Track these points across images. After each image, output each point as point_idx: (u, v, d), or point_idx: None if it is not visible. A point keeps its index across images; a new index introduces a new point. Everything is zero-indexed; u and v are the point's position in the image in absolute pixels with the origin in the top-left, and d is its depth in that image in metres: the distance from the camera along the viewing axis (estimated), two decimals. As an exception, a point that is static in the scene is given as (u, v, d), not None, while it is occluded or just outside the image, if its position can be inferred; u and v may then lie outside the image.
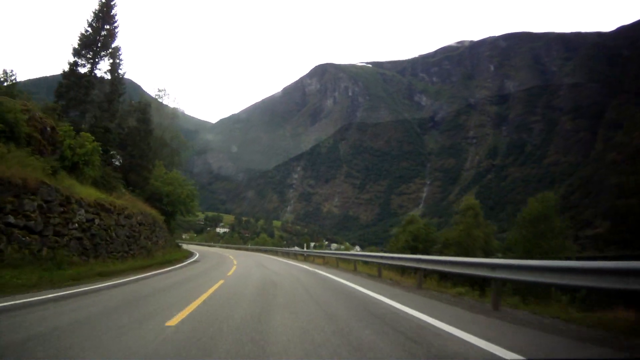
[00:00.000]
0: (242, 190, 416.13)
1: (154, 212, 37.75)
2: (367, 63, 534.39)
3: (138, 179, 44.13)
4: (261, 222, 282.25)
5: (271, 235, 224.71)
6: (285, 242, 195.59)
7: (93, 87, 40.23)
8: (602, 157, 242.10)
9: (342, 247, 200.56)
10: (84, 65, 39.86)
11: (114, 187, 32.66)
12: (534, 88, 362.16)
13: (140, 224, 30.24)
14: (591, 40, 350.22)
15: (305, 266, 29.21)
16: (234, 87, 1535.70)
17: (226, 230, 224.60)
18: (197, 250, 59.35)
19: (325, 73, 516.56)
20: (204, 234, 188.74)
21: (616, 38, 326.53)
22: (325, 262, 34.68)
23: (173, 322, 7.85)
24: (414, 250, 47.61)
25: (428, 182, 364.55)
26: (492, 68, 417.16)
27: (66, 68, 39.23)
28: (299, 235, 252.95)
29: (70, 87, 38.26)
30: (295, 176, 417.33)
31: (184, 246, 64.08)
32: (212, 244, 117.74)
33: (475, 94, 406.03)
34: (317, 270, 24.29)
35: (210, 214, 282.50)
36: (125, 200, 30.29)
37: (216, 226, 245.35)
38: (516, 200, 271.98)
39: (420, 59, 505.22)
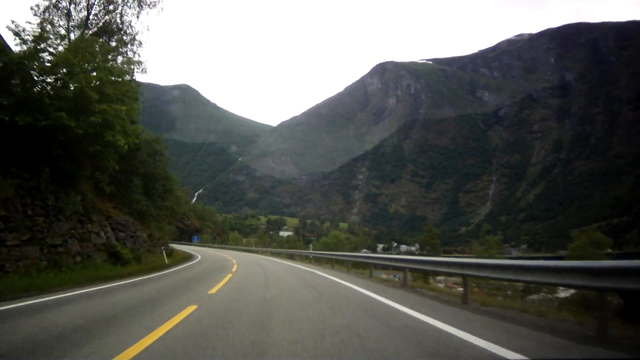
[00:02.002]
0: (306, 193, 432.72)
1: None
2: (428, 60, 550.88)
3: None
4: (327, 224, 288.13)
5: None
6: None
7: None
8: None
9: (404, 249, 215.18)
10: None
11: None
12: (594, 79, 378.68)
13: None
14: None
15: None
16: (295, 89, 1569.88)
17: (290, 233, 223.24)
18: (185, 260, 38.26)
19: (386, 71, 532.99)
20: (251, 236, 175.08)
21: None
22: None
23: None
24: None
25: (494, 179, 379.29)
26: (552, 60, 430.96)
27: None
28: (367, 237, 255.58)
29: None
30: (360, 177, 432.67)
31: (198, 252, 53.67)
32: (253, 247, 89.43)
33: (537, 87, 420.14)
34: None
35: (273, 217, 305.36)
36: None
37: (279, 229, 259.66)
38: (583, 194, 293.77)
39: (480, 54, 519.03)
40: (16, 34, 19.68)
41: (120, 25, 34.12)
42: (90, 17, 32.55)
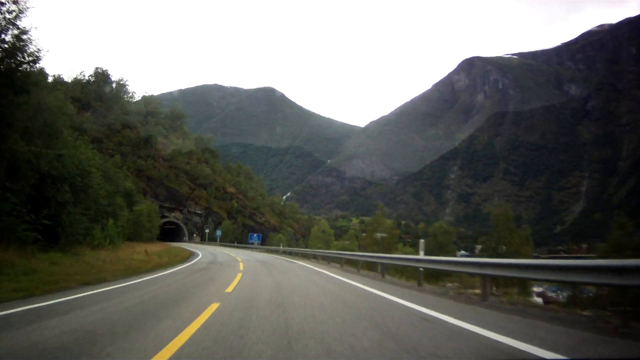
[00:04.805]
0: (397, 194, 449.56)
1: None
2: (513, 54, 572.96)
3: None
4: (421, 225, 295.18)
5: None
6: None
7: None
8: None
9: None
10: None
11: None
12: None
13: None
14: None
15: None
16: (382, 88, 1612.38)
17: (384, 235, 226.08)
18: None
19: (472, 67, 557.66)
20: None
21: None
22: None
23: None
24: None
25: (587, 175, 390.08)
26: (633, 50, 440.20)
27: None
28: (463, 238, 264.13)
29: None
30: (452, 176, 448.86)
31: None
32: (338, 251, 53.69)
33: (622, 79, 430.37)
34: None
35: (366, 218, 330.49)
36: None
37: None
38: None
39: (564, 47, 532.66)
40: None
41: None
42: None
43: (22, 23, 26.16)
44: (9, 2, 25.23)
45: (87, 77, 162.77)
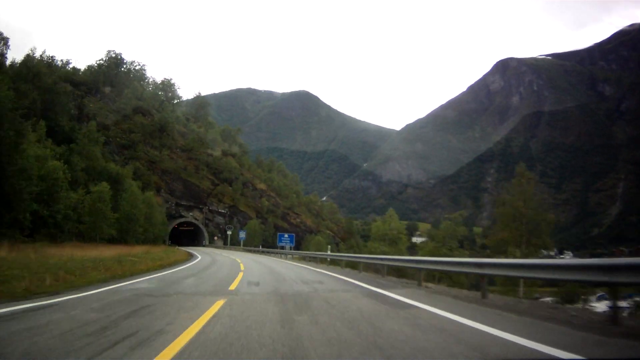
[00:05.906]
0: (434, 197, 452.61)
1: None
2: (547, 55, 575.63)
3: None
4: (462, 228, 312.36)
5: (473, 243, 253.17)
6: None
7: None
8: None
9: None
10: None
11: None
12: None
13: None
14: None
15: None
16: (418, 91, 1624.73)
17: (423, 239, 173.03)
18: None
19: (507, 68, 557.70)
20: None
21: None
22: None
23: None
24: None
25: (622, 177, 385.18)
26: None
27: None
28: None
29: None
30: (489, 179, 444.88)
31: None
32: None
33: None
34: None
35: (404, 222, 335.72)
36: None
37: (412, 235, 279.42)
38: None
39: (597, 47, 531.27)
40: None
41: None
42: None
43: None
44: None
45: (98, 62, 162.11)
